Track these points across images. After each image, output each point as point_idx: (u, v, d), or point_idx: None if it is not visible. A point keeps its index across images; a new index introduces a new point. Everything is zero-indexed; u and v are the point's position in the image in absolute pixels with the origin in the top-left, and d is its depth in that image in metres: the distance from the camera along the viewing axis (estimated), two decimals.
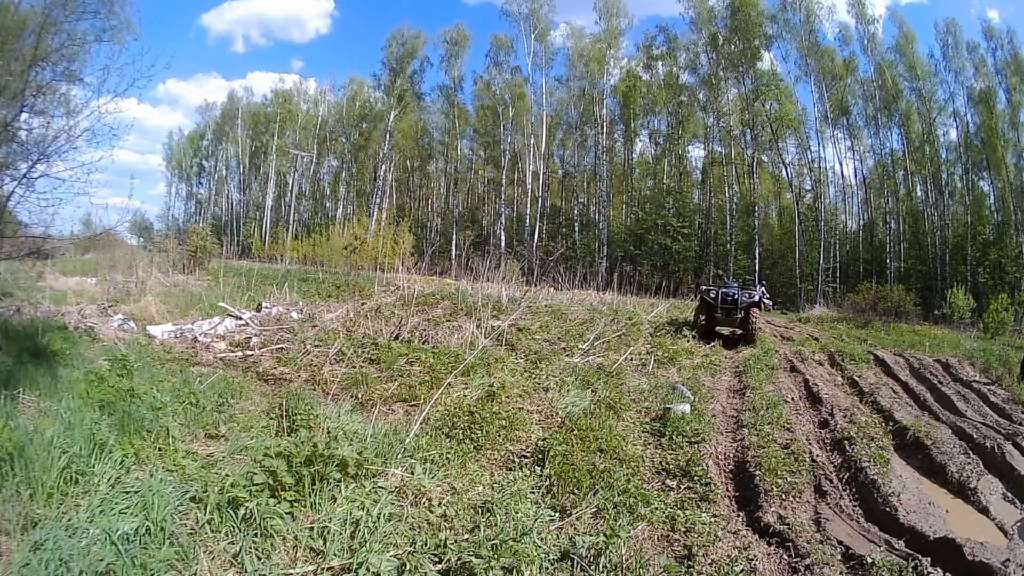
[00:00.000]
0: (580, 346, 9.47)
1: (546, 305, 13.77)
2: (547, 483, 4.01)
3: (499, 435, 4.85)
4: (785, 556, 3.38)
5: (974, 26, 39.53)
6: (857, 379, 8.71)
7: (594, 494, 3.81)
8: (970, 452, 5.52)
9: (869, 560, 3.24)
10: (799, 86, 32.04)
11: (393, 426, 4.62)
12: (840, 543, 3.55)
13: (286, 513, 3.01)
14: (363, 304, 11.82)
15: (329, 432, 4.21)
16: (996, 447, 5.62)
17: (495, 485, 3.91)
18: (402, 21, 56.57)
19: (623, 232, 35.24)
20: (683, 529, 3.61)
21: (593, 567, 2.96)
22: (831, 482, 4.65)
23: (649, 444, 5.27)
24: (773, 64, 32.20)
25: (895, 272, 28.70)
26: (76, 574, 2.39)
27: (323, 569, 2.73)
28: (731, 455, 5.16)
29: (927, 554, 3.39)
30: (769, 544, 3.53)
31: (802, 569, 3.22)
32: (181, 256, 17.34)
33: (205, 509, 2.94)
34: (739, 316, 11.92)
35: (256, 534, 2.85)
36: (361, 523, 3.04)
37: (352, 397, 5.77)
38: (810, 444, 5.50)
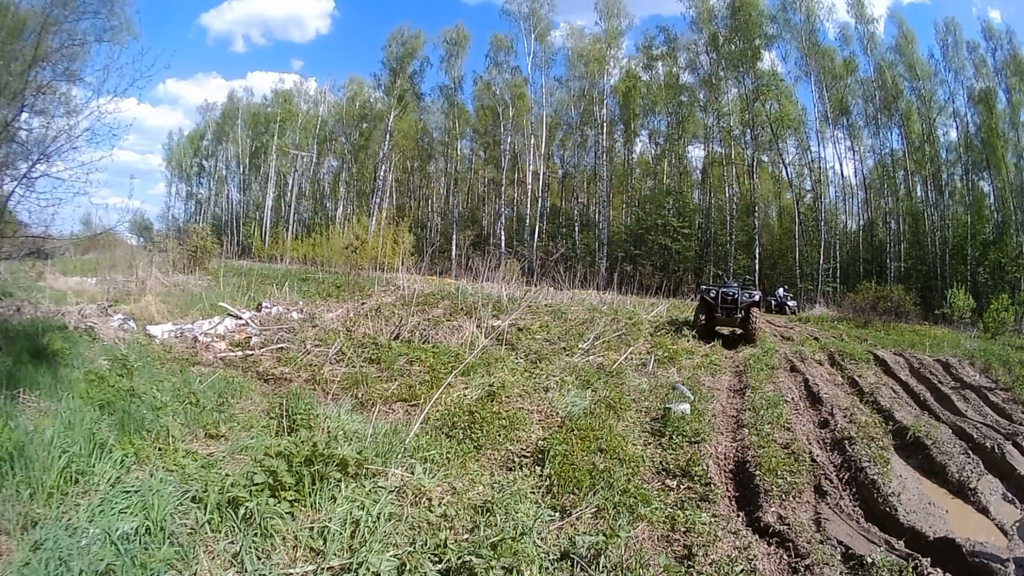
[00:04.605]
0: (580, 346, 9.47)
1: (546, 305, 13.77)
2: (547, 483, 4.00)
3: (499, 435, 4.84)
4: (785, 556, 3.38)
5: (974, 26, 39.66)
6: (857, 379, 8.71)
7: (594, 494, 3.81)
8: (970, 452, 5.52)
9: (869, 560, 3.23)
10: (799, 86, 32.18)
11: (393, 426, 4.62)
12: (840, 543, 3.55)
13: (286, 513, 3.01)
14: (363, 304, 11.82)
15: (329, 432, 4.21)
16: (996, 447, 5.62)
17: (495, 485, 3.91)
18: (402, 21, 56.75)
19: (623, 232, 35.26)
20: (683, 529, 3.61)
21: (593, 567, 2.96)
22: (831, 482, 4.65)
23: (649, 444, 5.27)
24: (773, 64, 32.30)
25: (895, 272, 28.72)
26: (76, 574, 2.39)
27: (323, 569, 2.73)
28: (731, 455, 5.16)
29: (927, 554, 3.38)
30: (769, 544, 3.53)
31: (802, 569, 3.22)
32: (181, 256, 17.30)
33: (205, 509, 2.94)
34: (739, 316, 11.93)
35: (256, 534, 2.85)
36: (361, 523, 3.04)
37: (352, 397, 5.77)
38: (810, 444, 5.49)
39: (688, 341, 11.25)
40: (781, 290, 23.43)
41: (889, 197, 31.96)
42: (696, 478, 4.41)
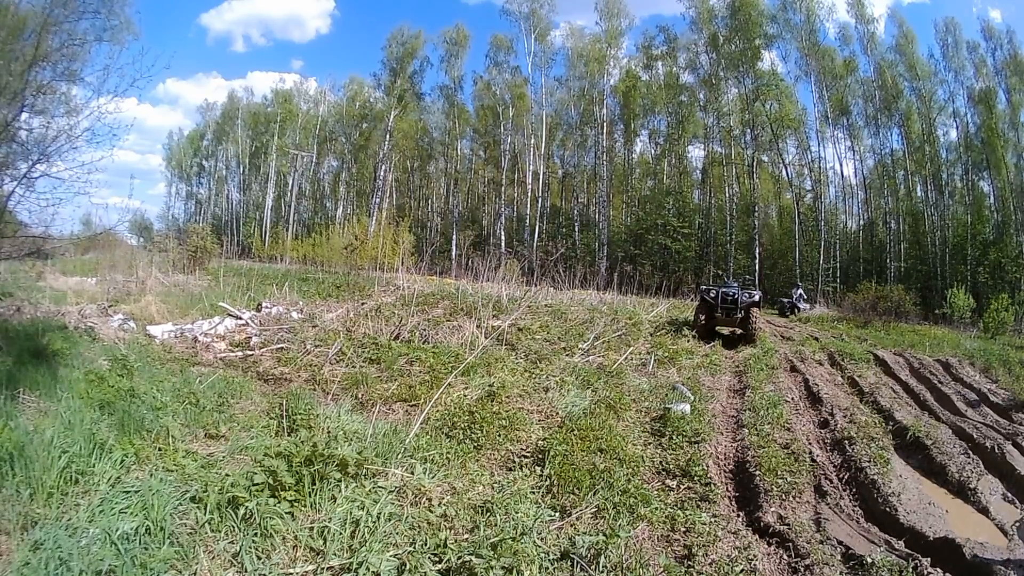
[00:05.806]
0: (580, 346, 9.46)
1: (546, 305, 13.76)
2: (547, 483, 4.00)
3: (499, 435, 4.84)
4: (785, 556, 3.38)
5: (974, 26, 39.65)
6: (857, 379, 8.71)
7: (594, 494, 3.81)
8: (970, 452, 5.52)
9: (869, 560, 3.24)
10: (799, 86, 32.22)
11: (393, 426, 4.62)
12: (840, 543, 3.55)
13: (286, 513, 3.01)
14: (363, 304, 11.81)
15: (329, 432, 4.21)
16: (996, 447, 5.62)
17: (495, 485, 3.91)
18: (402, 21, 56.73)
19: (623, 232, 35.26)
20: (683, 529, 3.61)
21: (593, 567, 2.96)
22: (831, 482, 4.65)
23: (649, 444, 5.27)
24: (773, 64, 32.32)
25: (895, 272, 28.73)
26: (76, 574, 2.39)
27: (323, 569, 2.73)
28: (731, 455, 5.16)
29: (927, 554, 3.39)
30: (769, 544, 3.53)
31: (802, 569, 3.22)
32: (181, 256, 17.31)
33: (205, 509, 2.94)
34: (739, 316, 11.93)
35: (256, 534, 2.85)
36: (361, 523, 3.04)
37: (352, 397, 5.77)
38: (810, 444, 5.50)
39: (688, 341, 11.25)
40: (797, 291, 22.95)
41: (889, 197, 31.97)
42: (696, 478, 4.40)
